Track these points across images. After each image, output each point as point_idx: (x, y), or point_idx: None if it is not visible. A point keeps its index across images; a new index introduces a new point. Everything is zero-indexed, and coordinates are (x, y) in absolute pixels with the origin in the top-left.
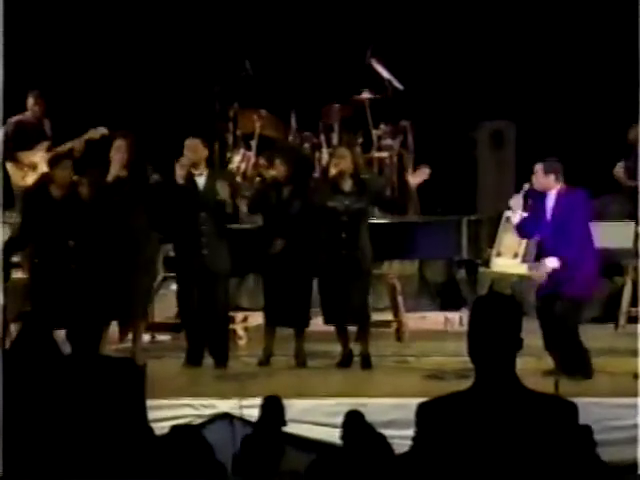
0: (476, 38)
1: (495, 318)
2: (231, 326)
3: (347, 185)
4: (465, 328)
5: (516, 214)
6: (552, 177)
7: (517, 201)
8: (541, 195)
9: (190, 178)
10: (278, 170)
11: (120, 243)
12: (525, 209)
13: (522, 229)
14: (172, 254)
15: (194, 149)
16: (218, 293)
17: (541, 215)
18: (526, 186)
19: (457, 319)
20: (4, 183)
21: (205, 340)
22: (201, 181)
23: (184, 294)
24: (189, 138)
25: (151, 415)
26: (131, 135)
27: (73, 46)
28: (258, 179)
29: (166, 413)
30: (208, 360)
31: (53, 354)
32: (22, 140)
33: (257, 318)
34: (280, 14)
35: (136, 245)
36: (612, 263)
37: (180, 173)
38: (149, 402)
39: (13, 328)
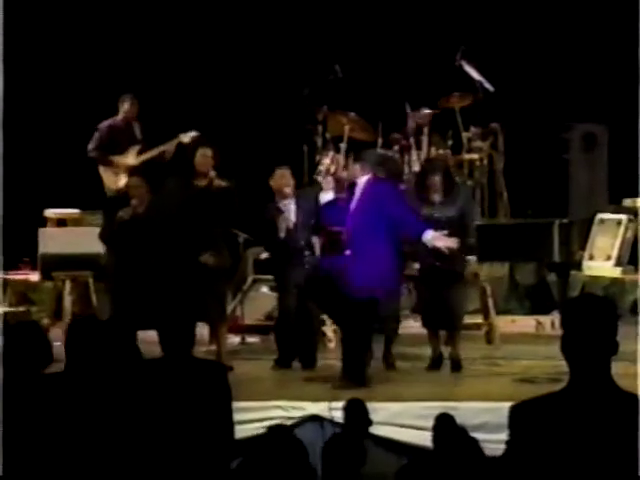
0: (569, 40)
1: (590, 319)
2: (321, 329)
3: (437, 196)
4: (556, 332)
5: (326, 194)
6: (357, 167)
7: (328, 182)
8: (354, 185)
9: (278, 210)
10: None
11: (196, 249)
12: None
13: (325, 214)
14: (262, 257)
15: (282, 178)
16: None
17: (348, 205)
18: (344, 174)
19: (549, 323)
20: (99, 186)
21: (295, 343)
22: (290, 209)
23: (283, 299)
24: (278, 168)
25: (241, 417)
26: (214, 146)
27: (163, 49)
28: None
29: (256, 415)
30: (297, 362)
31: (134, 356)
32: (114, 144)
33: None
34: (370, 17)
35: (212, 250)
36: None
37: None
38: (239, 404)
39: None
